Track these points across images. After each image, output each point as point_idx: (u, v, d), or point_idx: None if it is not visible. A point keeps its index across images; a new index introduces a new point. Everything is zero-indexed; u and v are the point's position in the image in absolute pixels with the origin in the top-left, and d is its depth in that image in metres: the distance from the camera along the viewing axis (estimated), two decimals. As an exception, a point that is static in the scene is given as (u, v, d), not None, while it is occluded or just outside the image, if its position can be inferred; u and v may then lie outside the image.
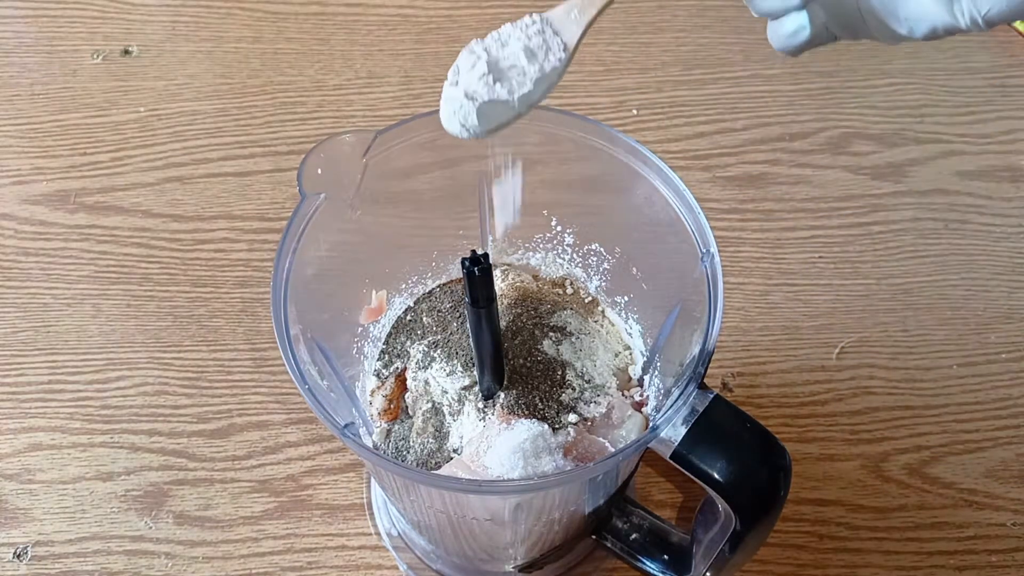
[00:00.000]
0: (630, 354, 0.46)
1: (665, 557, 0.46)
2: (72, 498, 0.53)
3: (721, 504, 0.36)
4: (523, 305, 0.45)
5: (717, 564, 0.41)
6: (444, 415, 0.42)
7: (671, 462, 0.35)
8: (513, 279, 0.47)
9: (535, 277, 0.48)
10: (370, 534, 0.52)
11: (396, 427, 0.44)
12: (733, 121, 0.70)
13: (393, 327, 0.47)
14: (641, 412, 0.43)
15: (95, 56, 0.73)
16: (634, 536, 0.47)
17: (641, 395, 0.44)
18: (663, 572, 0.46)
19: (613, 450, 0.40)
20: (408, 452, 0.43)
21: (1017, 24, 0.73)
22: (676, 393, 0.35)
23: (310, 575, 0.51)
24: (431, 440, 0.42)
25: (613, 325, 0.47)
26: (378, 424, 0.44)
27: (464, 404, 0.41)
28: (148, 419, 0.56)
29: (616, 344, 0.46)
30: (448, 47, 0.74)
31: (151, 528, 0.52)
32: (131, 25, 0.75)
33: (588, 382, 0.43)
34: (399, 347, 0.46)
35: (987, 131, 0.70)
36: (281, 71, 0.72)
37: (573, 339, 0.44)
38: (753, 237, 0.64)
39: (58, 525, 0.52)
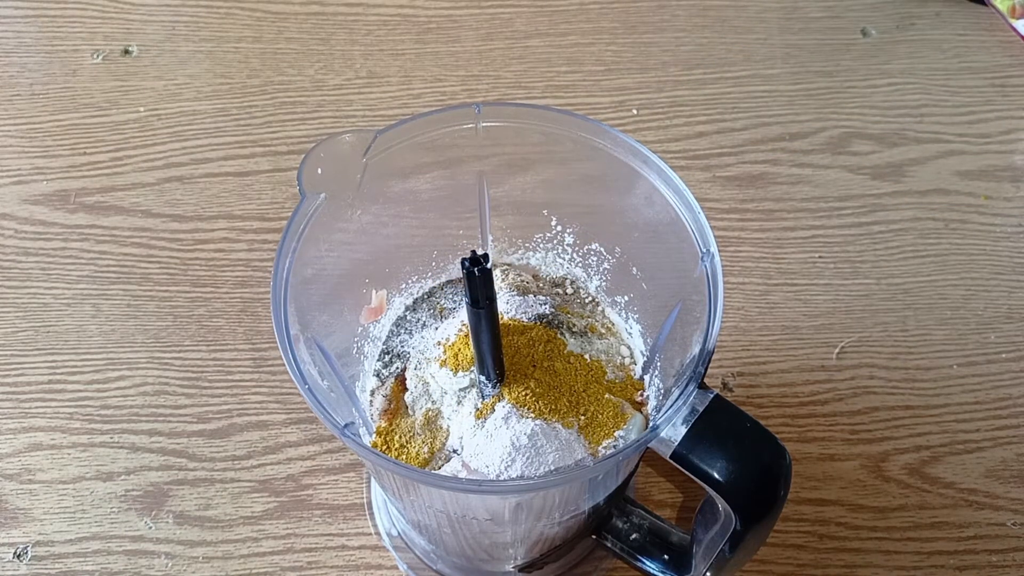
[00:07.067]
0: (630, 354, 0.46)
1: (665, 557, 0.46)
2: (72, 498, 0.53)
3: (721, 504, 0.36)
4: (523, 305, 0.45)
5: (717, 564, 0.41)
6: (444, 415, 0.42)
7: (671, 462, 0.35)
8: (513, 279, 0.47)
9: (535, 277, 0.48)
10: (370, 534, 0.52)
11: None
12: (733, 121, 0.70)
13: (393, 327, 0.47)
14: (641, 412, 0.43)
15: (95, 56, 0.73)
16: (634, 536, 0.47)
17: (641, 395, 0.44)
18: (663, 572, 0.46)
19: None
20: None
21: (1018, 24, 0.73)
22: (676, 393, 0.35)
23: (310, 575, 0.51)
24: (431, 440, 0.42)
25: (613, 325, 0.47)
26: (378, 424, 0.44)
27: (464, 404, 0.41)
28: (148, 419, 0.56)
29: (616, 344, 0.46)
30: (448, 47, 0.74)
31: (151, 528, 0.52)
32: (131, 25, 0.75)
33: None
34: (399, 347, 0.46)
35: (987, 131, 0.70)
36: (281, 71, 0.72)
37: (573, 339, 0.44)
38: (753, 237, 0.64)
39: (58, 525, 0.52)
